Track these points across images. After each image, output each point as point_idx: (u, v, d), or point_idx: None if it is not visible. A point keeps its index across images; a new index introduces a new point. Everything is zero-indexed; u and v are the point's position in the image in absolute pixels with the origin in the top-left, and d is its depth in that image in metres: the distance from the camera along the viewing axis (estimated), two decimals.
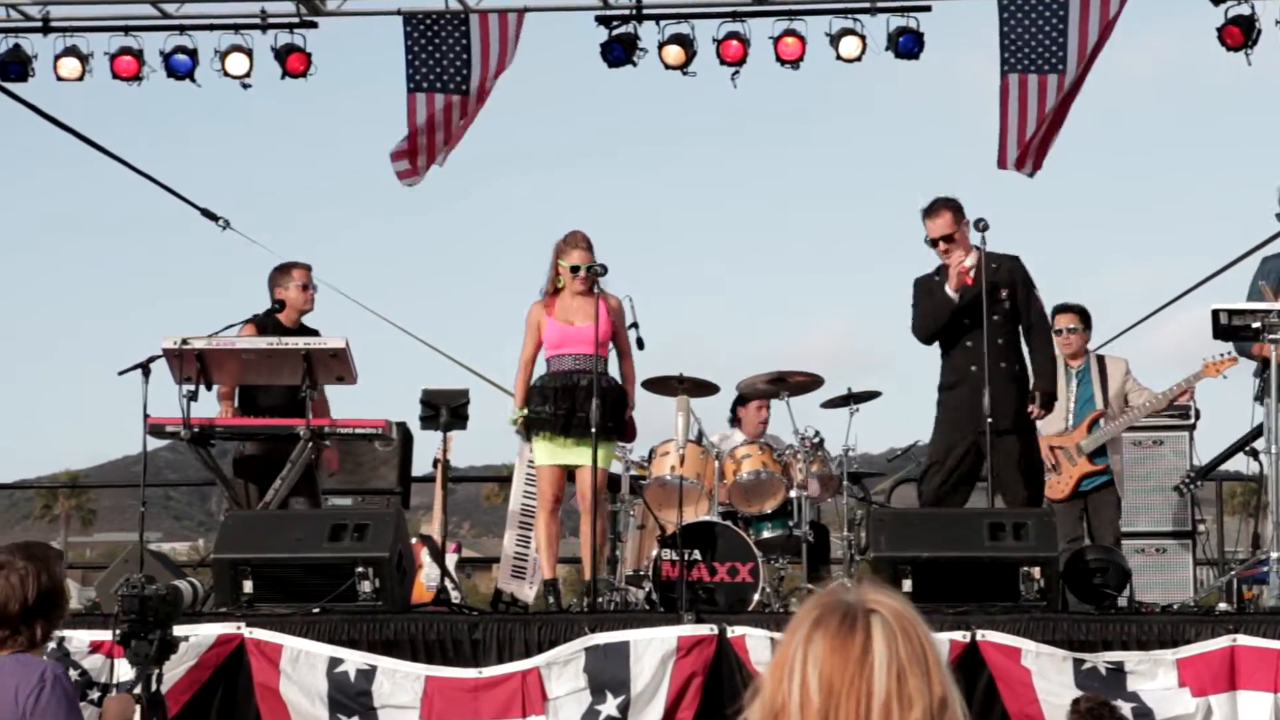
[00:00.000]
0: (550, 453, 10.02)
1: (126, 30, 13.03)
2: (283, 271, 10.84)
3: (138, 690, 6.36)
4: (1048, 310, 10.73)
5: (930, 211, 10.39)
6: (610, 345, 10.20)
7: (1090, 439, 11.02)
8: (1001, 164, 12.78)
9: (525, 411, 10.13)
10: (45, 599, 5.24)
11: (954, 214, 10.33)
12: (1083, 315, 11.34)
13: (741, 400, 12.14)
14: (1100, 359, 11.28)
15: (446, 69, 13.04)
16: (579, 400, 9.93)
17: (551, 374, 10.09)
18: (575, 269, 10.02)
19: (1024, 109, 12.60)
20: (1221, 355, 10.70)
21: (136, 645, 6.50)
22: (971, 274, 10.16)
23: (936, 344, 10.41)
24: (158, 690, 6.46)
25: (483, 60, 13.05)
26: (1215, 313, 9.54)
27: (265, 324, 10.55)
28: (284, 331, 10.47)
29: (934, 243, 10.36)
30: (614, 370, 10.28)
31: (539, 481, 10.20)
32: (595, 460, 9.78)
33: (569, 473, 10.17)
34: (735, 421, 12.27)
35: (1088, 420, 11.02)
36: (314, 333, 10.70)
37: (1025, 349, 10.32)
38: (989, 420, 9.83)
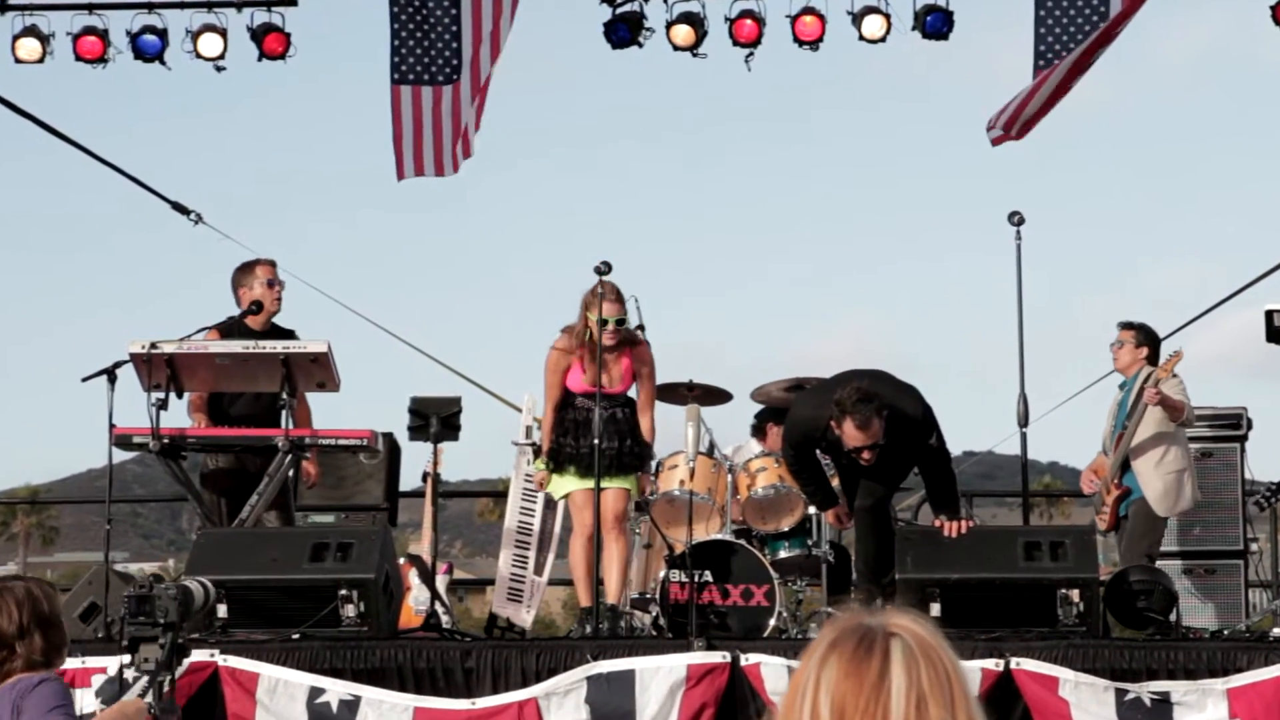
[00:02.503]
0: (579, 480, 10.04)
1: (91, 8, 13.02)
2: (245, 270, 10.79)
3: (148, 699, 6.40)
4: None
5: (860, 418, 9.59)
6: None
7: (1112, 462, 11.06)
8: (991, 126, 12.71)
9: (549, 463, 10.16)
10: (43, 622, 5.65)
11: (881, 422, 9.68)
12: (1138, 331, 11.25)
13: (774, 416, 12.08)
14: (1150, 375, 11.16)
15: (435, 59, 13.03)
16: (607, 437, 9.95)
17: (577, 408, 10.10)
18: (604, 322, 10.03)
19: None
20: (1170, 354, 10.78)
21: (145, 650, 6.56)
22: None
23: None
24: (171, 699, 6.50)
25: (474, 40, 13.03)
26: (1270, 314, 9.54)
27: (231, 329, 10.50)
28: (252, 336, 10.43)
29: (856, 450, 9.72)
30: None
31: (573, 509, 10.15)
32: (597, 486, 9.79)
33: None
34: (760, 433, 12.23)
35: (1115, 444, 11.06)
36: (290, 334, 10.67)
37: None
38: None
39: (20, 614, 5.63)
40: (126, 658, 6.62)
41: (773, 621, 10.27)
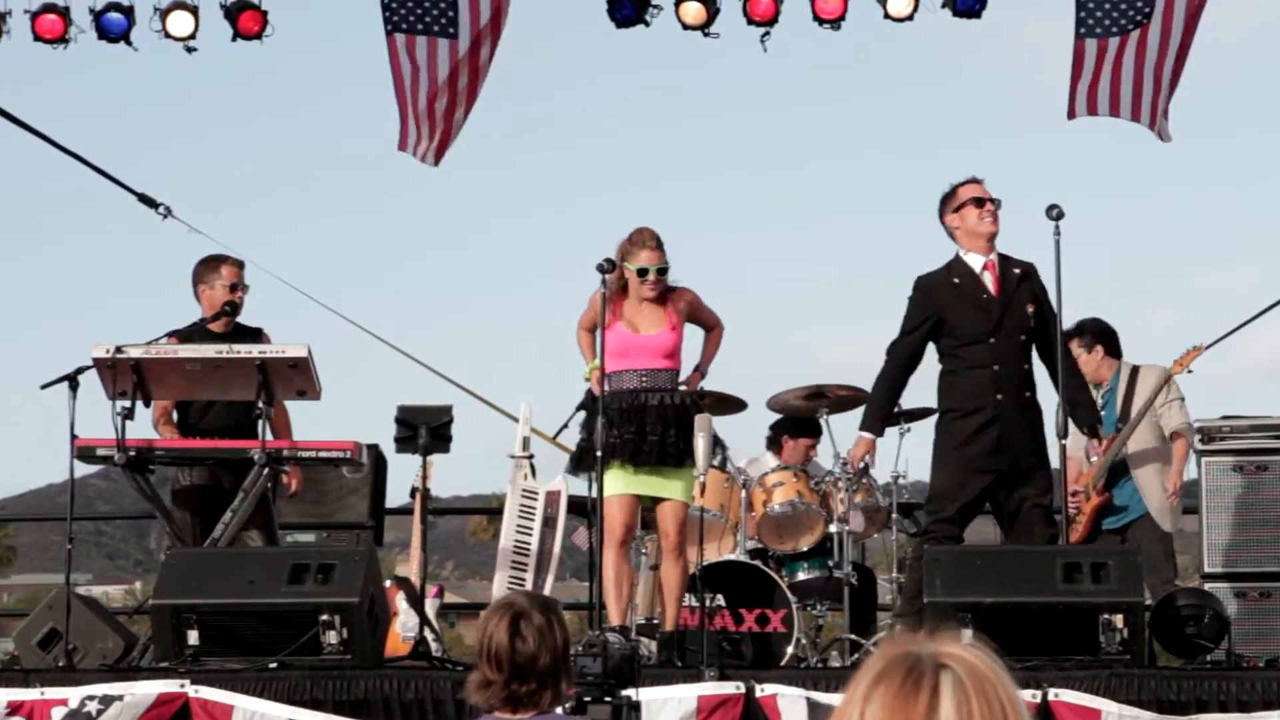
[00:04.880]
0: (620, 481, 9.91)
1: None
2: (209, 267, 10.78)
3: None
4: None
5: (975, 179, 10.32)
6: (679, 354, 10.24)
7: (1100, 467, 11.10)
8: (1071, 113, 12.81)
9: (597, 363, 10.08)
10: (567, 651, 5.63)
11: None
12: (1083, 335, 11.42)
13: (790, 428, 12.10)
14: (1135, 370, 11.36)
15: (430, 9, 13.00)
16: (648, 423, 9.94)
17: (612, 393, 10.03)
18: (643, 272, 10.03)
19: (1099, 70, 12.62)
20: (1187, 349, 10.87)
21: (594, 710, 6.77)
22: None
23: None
24: None
25: (471, 5, 13.02)
26: None
27: (191, 336, 10.48)
28: (215, 340, 10.40)
29: (979, 201, 10.18)
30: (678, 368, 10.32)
31: (606, 513, 9.99)
32: (601, 489, 9.79)
33: (643, 505, 10.13)
34: (775, 446, 12.25)
35: (1102, 449, 11.10)
36: (256, 333, 10.66)
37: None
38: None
39: (560, 645, 5.56)
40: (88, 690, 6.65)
41: (790, 649, 10.28)
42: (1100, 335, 11.42)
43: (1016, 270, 10.14)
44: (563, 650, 5.57)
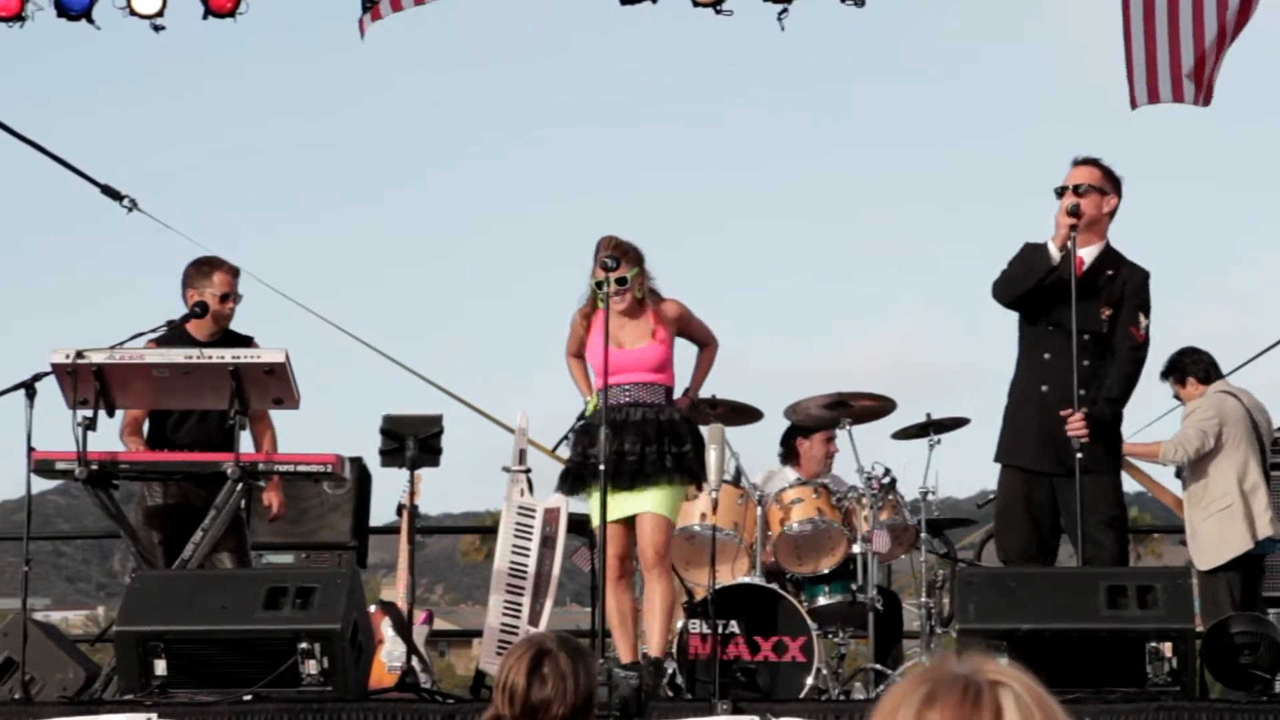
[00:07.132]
0: (607, 506, 9.86)
1: None
2: (201, 273, 10.74)
3: None
4: None
5: (1083, 160, 10.29)
6: (670, 368, 10.24)
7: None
8: (1134, 102, 12.75)
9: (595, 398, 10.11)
10: (590, 701, 5.58)
11: (1103, 174, 10.20)
12: (1169, 374, 11.61)
13: (801, 431, 12.09)
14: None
15: None
16: (627, 440, 9.90)
17: (597, 410, 10.03)
18: (600, 285, 10.00)
19: (1150, 26, 12.57)
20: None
21: None
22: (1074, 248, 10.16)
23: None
24: None
25: None
26: None
27: (170, 341, 10.46)
28: (196, 345, 10.38)
29: (1061, 190, 10.12)
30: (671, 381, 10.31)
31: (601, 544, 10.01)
32: (604, 507, 9.78)
33: (629, 525, 10.09)
34: (790, 457, 12.23)
35: None
36: (247, 342, 10.65)
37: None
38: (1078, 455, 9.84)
39: (581, 693, 5.55)
40: None
41: (810, 680, 10.26)
42: (1176, 368, 11.53)
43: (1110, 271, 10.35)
44: (584, 699, 5.55)
